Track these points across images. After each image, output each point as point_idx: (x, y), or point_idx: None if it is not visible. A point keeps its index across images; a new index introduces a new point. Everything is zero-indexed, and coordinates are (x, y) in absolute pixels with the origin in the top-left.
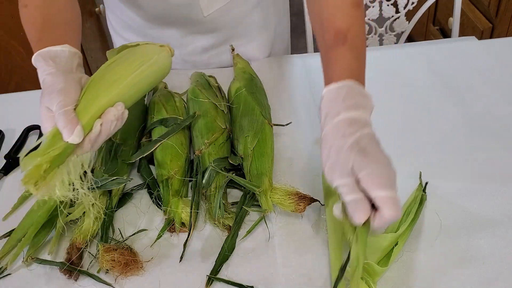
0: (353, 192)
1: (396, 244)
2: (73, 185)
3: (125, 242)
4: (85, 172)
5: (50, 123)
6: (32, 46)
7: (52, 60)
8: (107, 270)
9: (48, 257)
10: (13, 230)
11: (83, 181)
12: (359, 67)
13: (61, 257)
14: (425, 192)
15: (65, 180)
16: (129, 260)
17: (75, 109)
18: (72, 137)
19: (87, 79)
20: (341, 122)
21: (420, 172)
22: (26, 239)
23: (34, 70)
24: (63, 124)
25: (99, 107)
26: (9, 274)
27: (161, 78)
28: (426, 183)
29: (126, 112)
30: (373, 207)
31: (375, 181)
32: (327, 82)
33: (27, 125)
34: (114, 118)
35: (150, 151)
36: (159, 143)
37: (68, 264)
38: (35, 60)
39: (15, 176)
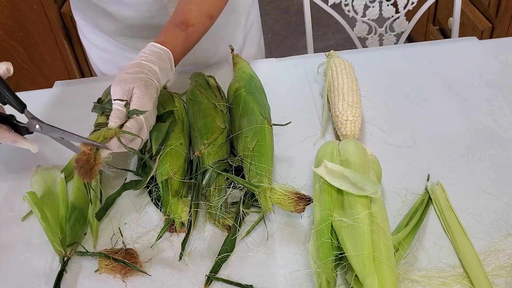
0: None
1: (398, 249)
2: None
3: (124, 243)
4: None
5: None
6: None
7: None
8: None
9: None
10: None
11: None
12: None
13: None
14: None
15: None
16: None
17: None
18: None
19: None
20: None
21: (428, 175)
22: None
23: (34, 70)
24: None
25: None
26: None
27: None
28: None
29: None
30: None
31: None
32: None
33: None
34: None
35: (153, 173)
36: (160, 153)
37: (104, 254)
38: None
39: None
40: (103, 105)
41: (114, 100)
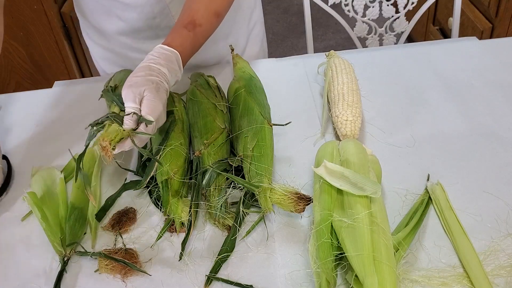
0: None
1: (398, 249)
2: None
3: (124, 243)
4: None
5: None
6: None
7: None
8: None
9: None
10: None
11: None
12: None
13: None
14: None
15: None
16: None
17: None
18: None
19: None
20: None
21: (428, 175)
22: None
23: (34, 70)
24: None
25: None
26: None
27: None
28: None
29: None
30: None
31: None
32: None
33: None
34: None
35: (153, 173)
36: (160, 152)
37: (104, 254)
38: None
39: (15, 176)
40: (113, 96)
41: (127, 106)
